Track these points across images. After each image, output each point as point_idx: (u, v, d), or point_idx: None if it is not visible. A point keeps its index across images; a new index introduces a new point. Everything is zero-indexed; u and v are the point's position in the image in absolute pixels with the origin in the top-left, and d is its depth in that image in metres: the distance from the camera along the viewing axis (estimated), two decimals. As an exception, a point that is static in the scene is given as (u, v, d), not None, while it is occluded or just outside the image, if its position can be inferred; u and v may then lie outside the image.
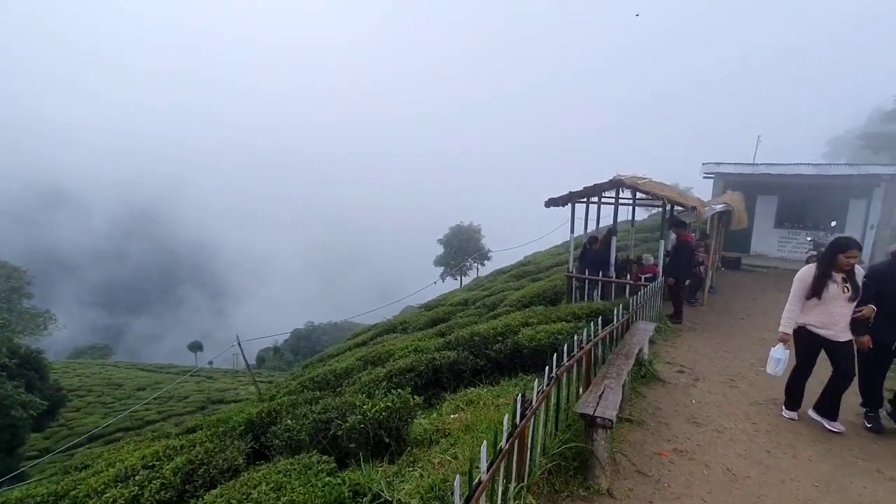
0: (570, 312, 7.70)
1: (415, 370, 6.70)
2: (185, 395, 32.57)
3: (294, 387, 9.82)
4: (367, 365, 10.04)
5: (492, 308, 12.72)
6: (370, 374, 7.69)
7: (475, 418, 5.10)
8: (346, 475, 2.84)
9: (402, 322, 15.70)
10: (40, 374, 23.42)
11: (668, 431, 4.92)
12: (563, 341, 6.35)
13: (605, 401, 3.75)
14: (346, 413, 5.15)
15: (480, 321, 11.57)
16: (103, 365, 45.44)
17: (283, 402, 7.45)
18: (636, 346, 5.32)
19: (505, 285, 15.91)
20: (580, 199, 10.06)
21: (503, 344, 6.74)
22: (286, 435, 5.13)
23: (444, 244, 43.96)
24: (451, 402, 5.99)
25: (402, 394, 4.91)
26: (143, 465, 5.44)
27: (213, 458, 4.89)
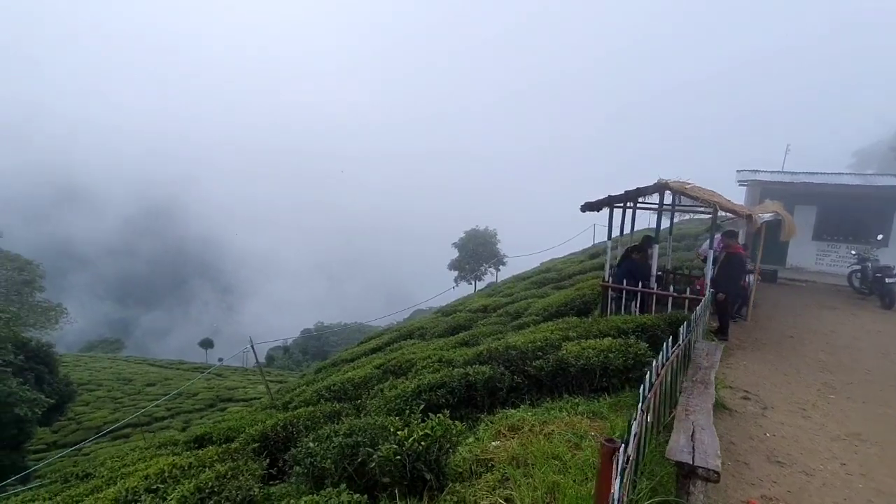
0: (613, 327, 7.03)
1: (446, 386, 6.07)
2: (194, 393, 32.23)
3: (310, 396, 9.25)
4: (386, 374, 9.46)
5: (516, 316, 12.06)
6: (395, 389, 7.07)
7: (524, 450, 4.46)
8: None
9: (419, 327, 15.09)
10: (50, 368, 23.18)
11: (750, 473, 4.25)
12: (613, 360, 5.71)
13: (702, 444, 3.10)
14: (377, 438, 4.54)
15: (505, 330, 10.94)
16: (114, 359, 45.51)
17: (299, 415, 6.89)
18: (710, 370, 4.64)
19: (527, 292, 15.24)
20: (618, 204, 9.40)
21: (544, 360, 6.10)
22: (308, 461, 4.53)
23: (459, 248, 43.08)
24: (489, 426, 5.35)
25: (443, 420, 4.29)
26: (145, 489, 4.87)
27: (225, 487, 4.31)
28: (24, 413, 16.23)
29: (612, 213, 9.31)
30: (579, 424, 4.88)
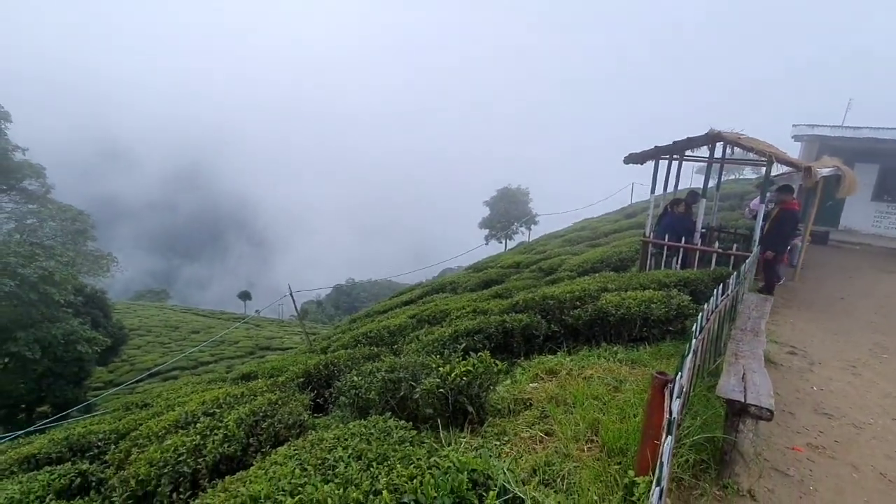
0: (654, 280, 6.88)
1: (483, 332, 6.15)
2: (235, 341, 34.07)
3: (347, 341, 9.58)
4: (421, 324, 9.66)
5: (549, 272, 11.98)
6: (430, 334, 7.23)
7: (562, 390, 4.52)
8: (456, 457, 2.32)
9: (450, 282, 15.23)
10: (104, 312, 24.81)
11: (795, 423, 4.18)
12: (655, 310, 5.62)
13: (754, 385, 3.05)
14: (419, 374, 4.69)
15: (539, 284, 10.90)
16: (161, 308, 48.25)
17: (340, 356, 7.16)
18: (760, 319, 4.51)
19: (560, 249, 15.05)
20: (664, 156, 8.98)
21: (582, 310, 6.06)
22: (353, 392, 4.74)
23: (491, 206, 42.54)
24: (526, 370, 5.43)
25: (485, 357, 4.37)
26: (203, 412, 5.22)
27: (277, 411, 4.57)
28: (85, 350, 17.54)
29: (658, 166, 8.91)
30: (618, 370, 4.88)
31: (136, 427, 6.13)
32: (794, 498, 3.13)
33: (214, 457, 3.95)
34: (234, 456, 4.03)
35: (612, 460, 3.14)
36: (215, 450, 4.01)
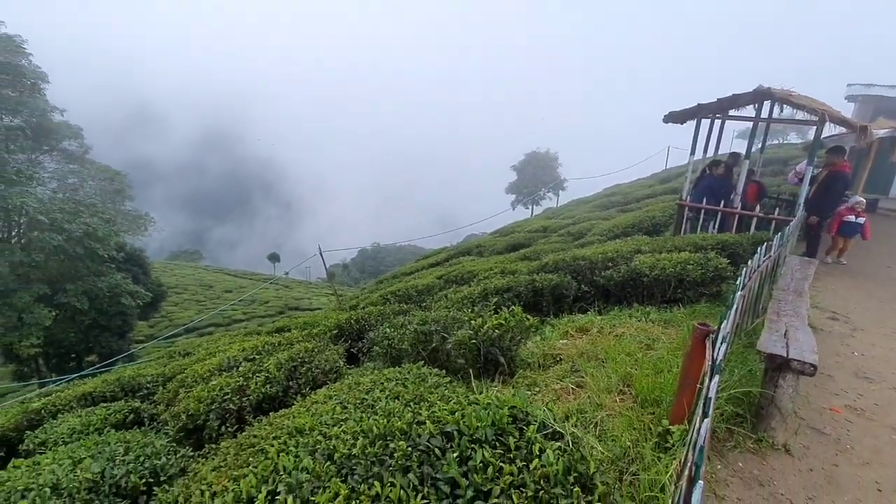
0: (690, 243, 6.71)
1: (512, 290, 6.18)
2: (265, 300, 35.28)
3: (376, 299, 9.79)
4: (448, 284, 9.76)
5: (578, 237, 11.82)
6: (458, 293, 7.31)
7: (593, 346, 4.53)
8: (494, 395, 2.38)
9: (476, 245, 15.24)
10: (144, 270, 25.93)
11: (833, 384, 4.10)
12: (691, 272, 5.51)
13: (797, 341, 2.98)
14: (450, 328, 4.78)
15: (567, 249, 10.79)
16: (195, 267, 50.12)
17: (370, 312, 7.33)
18: (804, 281, 4.37)
19: (590, 214, 14.78)
20: (706, 115, 8.56)
21: (615, 270, 5.99)
22: (386, 343, 4.88)
23: (518, 171, 41.76)
24: (556, 328, 5.46)
25: (517, 311, 4.40)
26: (244, 358, 5.49)
27: (315, 358, 4.76)
28: (128, 303, 18.48)
29: (699, 126, 8.52)
30: (651, 330, 4.85)
31: (181, 371, 6.50)
32: (830, 455, 3.11)
33: (257, 396, 4.17)
34: (276, 396, 4.25)
35: (645, 410, 3.17)
36: (258, 390, 4.23)
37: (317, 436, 2.71)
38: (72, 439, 4.30)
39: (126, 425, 5.06)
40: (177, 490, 2.63)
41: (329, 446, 2.31)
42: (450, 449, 1.92)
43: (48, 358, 20.98)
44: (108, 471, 2.82)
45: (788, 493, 2.78)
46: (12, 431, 5.75)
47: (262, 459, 2.69)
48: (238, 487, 2.34)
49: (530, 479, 1.69)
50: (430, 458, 1.89)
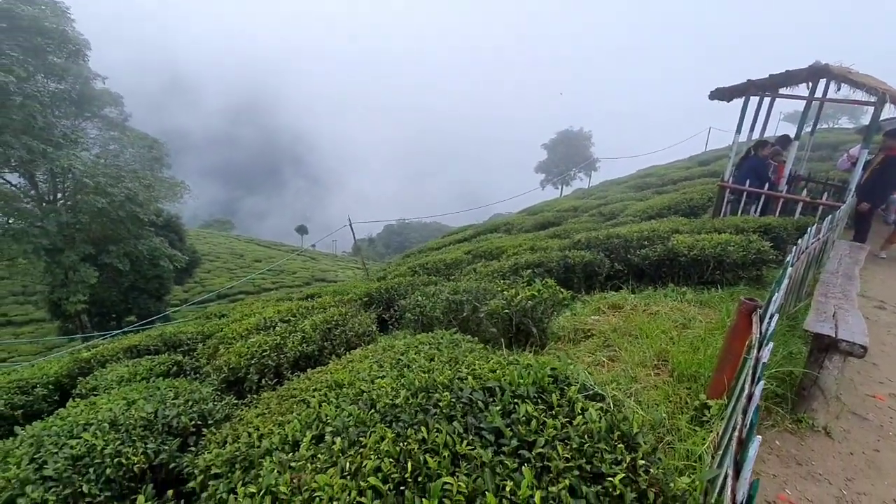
0: (731, 225, 6.51)
1: (543, 266, 6.14)
2: (293, 271, 36.17)
3: (404, 271, 9.90)
4: (476, 259, 9.77)
5: (610, 217, 11.59)
6: (488, 267, 7.32)
7: (627, 323, 4.50)
8: (533, 357, 2.40)
9: (504, 223, 15.15)
10: (179, 236, 26.82)
11: (877, 372, 3.97)
12: (732, 253, 5.35)
13: (846, 323, 2.89)
14: (482, 297, 4.82)
15: (599, 229, 10.61)
16: (227, 236, 51.56)
17: (400, 282, 7.42)
18: (854, 265, 4.20)
19: (623, 195, 14.43)
20: (755, 92, 8.16)
21: (651, 249, 5.87)
22: (418, 310, 4.96)
23: (549, 150, 40.76)
24: (587, 304, 5.43)
25: (551, 283, 4.39)
26: (280, 319, 5.67)
27: (348, 321, 4.88)
28: (166, 266, 19.23)
29: (747, 103, 8.13)
30: (687, 310, 4.77)
31: (220, 330, 6.77)
32: (872, 441, 3.03)
33: (294, 354, 4.32)
34: (311, 355, 4.39)
35: (681, 385, 3.15)
36: (295, 348, 4.38)
37: (355, 390, 2.81)
38: (120, 386, 4.56)
39: (170, 376, 5.33)
40: (225, 431, 2.78)
41: (371, 396, 2.39)
42: (492, 403, 1.96)
43: (91, 316, 22.13)
44: (160, 411, 3.00)
45: (826, 473, 2.74)
46: (65, 377, 6.14)
47: (303, 408, 2.81)
48: (283, 431, 2.46)
49: (574, 433, 1.71)
50: (472, 409, 1.93)
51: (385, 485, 1.58)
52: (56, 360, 7.56)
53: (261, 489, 1.75)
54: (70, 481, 2.43)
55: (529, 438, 1.71)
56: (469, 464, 1.62)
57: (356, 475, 1.69)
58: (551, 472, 1.56)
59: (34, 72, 14.18)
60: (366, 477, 1.62)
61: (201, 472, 2.45)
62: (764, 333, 2.07)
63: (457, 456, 1.67)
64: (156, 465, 2.67)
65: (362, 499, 1.53)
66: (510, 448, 1.66)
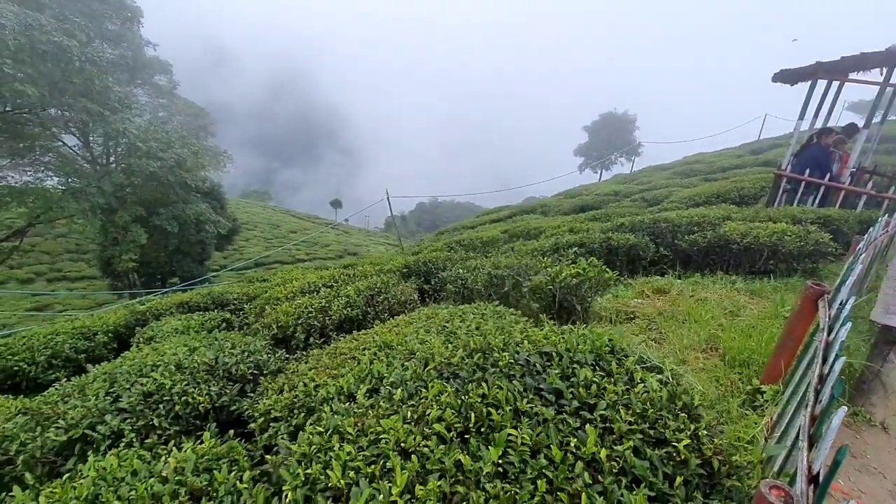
0: (787, 215, 6.21)
1: (585, 247, 6.06)
2: (326, 244, 36.96)
3: (440, 246, 9.96)
4: (512, 238, 9.72)
5: (653, 203, 11.25)
6: (526, 246, 7.27)
7: (673, 307, 4.41)
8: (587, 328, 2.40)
9: (540, 205, 14.95)
10: (221, 204, 27.72)
11: (943, 375, 3.77)
12: (789, 243, 5.13)
13: (921, 316, 2.74)
14: (523, 273, 4.82)
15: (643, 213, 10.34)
16: (264, 207, 52.96)
17: (437, 256, 7.47)
18: (927, 261, 3.95)
19: (668, 181, 13.94)
20: (824, 76, 7.65)
21: (700, 235, 5.69)
22: (459, 282, 5.01)
23: (590, 132, 39.42)
24: (629, 287, 5.34)
25: (596, 262, 4.34)
26: (323, 284, 5.84)
27: (391, 289, 4.98)
28: (211, 230, 20.00)
29: (813, 88, 7.64)
30: (737, 298, 4.63)
31: (264, 292, 7.04)
32: (934, 440, 2.91)
33: (339, 316, 4.46)
34: (356, 319, 4.52)
35: (732, 370, 3.09)
36: (340, 311, 4.51)
37: (405, 350, 2.89)
38: (175, 336, 4.82)
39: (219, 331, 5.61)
40: (281, 381, 2.93)
41: (424, 356, 2.45)
42: (549, 366, 1.98)
43: (139, 275, 23.36)
44: (220, 358, 3.18)
45: (881, 467, 2.65)
46: (123, 327, 6.56)
47: (354, 365, 2.92)
48: (338, 383, 2.57)
49: (636, 399, 1.72)
50: (530, 370, 1.96)
51: (449, 433, 1.63)
52: (114, 311, 8.05)
53: (328, 429, 1.85)
54: (143, 414, 2.62)
55: (590, 401, 1.73)
56: (531, 420, 1.66)
57: (419, 423, 1.76)
58: (614, 434, 1.57)
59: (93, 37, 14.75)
60: (430, 424, 1.68)
61: (261, 416, 2.60)
62: (836, 316, 2.00)
63: (518, 412, 1.70)
64: (218, 406, 2.84)
65: (428, 442, 1.59)
66: (571, 408, 1.69)
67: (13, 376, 5.38)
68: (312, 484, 1.57)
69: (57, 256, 29.05)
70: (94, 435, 2.48)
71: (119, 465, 2.17)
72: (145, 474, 2.08)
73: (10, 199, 15.80)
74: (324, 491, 1.52)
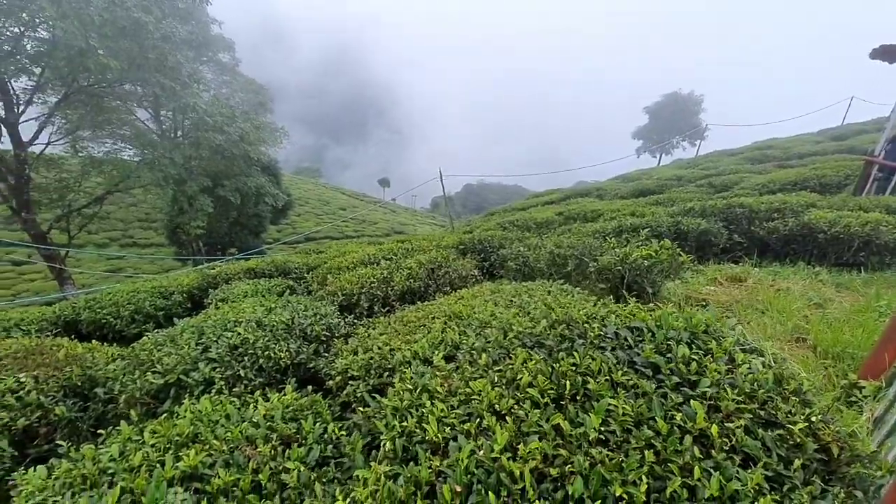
0: (882, 205, 5.68)
1: (652, 230, 5.81)
2: (374, 221, 37.69)
3: (493, 226, 9.89)
4: (568, 220, 9.49)
5: (722, 189, 10.60)
6: (585, 227, 7.08)
7: (750, 296, 4.17)
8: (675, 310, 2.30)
9: (596, 188, 14.48)
10: (276, 179, 28.73)
11: None
12: (886, 234, 4.71)
13: None
14: (588, 253, 4.69)
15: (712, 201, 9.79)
16: (315, 183, 54.54)
17: (493, 234, 7.42)
18: None
19: (738, 166, 13.07)
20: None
21: (781, 222, 5.32)
22: (520, 260, 4.96)
23: (651, 114, 37.16)
24: (699, 273, 5.09)
25: (670, 245, 4.15)
26: (383, 257, 5.95)
27: (452, 263, 5.00)
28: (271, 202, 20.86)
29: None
30: (822, 290, 4.31)
31: (323, 263, 7.28)
32: None
33: (402, 288, 4.53)
34: (417, 291, 4.58)
35: (824, 363, 2.89)
36: (402, 283, 4.58)
37: (476, 320, 2.90)
38: (249, 298, 5.08)
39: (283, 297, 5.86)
40: (354, 343, 3.02)
41: (502, 325, 2.44)
42: (641, 341, 1.92)
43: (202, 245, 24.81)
44: (296, 318, 3.31)
45: None
46: (196, 289, 6.98)
47: (426, 332, 2.96)
48: (412, 348, 2.61)
49: (742, 380, 1.63)
50: (621, 344, 1.91)
51: (542, 398, 1.62)
52: (186, 274, 8.59)
53: (416, 387, 1.88)
54: (230, 365, 2.78)
55: (691, 378, 1.66)
56: (627, 392, 1.62)
57: (508, 387, 1.75)
58: (720, 412, 1.51)
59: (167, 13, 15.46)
60: (523, 389, 1.68)
61: (339, 374, 2.70)
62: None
63: (614, 383, 1.66)
64: (296, 363, 2.97)
65: (523, 406, 1.59)
66: (671, 383, 1.63)
67: (101, 328, 5.86)
68: (409, 436, 1.60)
69: (129, 224, 31.31)
70: (187, 380, 2.66)
71: (213, 409, 2.32)
72: (237, 419, 2.21)
73: (92, 169, 17.07)
74: (421, 443, 1.55)
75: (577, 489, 1.23)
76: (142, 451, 2.02)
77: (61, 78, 13.82)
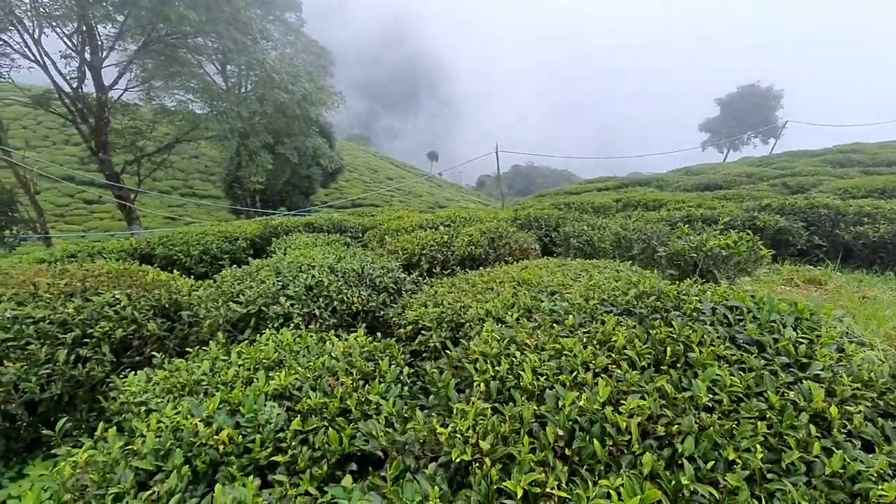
0: None
1: (724, 222, 5.53)
2: (419, 194, 37.89)
3: (547, 205, 9.71)
4: (626, 207, 9.20)
5: (797, 191, 9.92)
6: (648, 215, 6.83)
7: (830, 300, 3.92)
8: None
9: (656, 179, 13.89)
10: (330, 143, 29.24)
11: None
12: None
13: None
14: (656, 237, 4.53)
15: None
16: (365, 151, 55.16)
17: (550, 214, 7.29)
18: None
19: (817, 168, 12.13)
20: None
21: (871, 227, 4.94)
22: (583, 238, 4.85)
23: (723, 106, 34.58)
24: (772, 272, 4.83)
25: (750, 237, 3.94)
26: (440, 223, 5.98)
27: (512, 235, 4.95)
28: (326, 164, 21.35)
29: None
30: (915, 301, 3.99)
31: (377, 225, 7.41)
32: None
33: (462, 253, 4.54)
34: (478, 257, 4.58)
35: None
36: (463, 248, 4.59)
37: (545, 288, 2.87)
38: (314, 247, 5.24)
39: (341, 253, 6.02)
40: (422, 297, 3.07)
41: (581, 293, 2.41)
42: (742, 320, 1.84)
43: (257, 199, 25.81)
44: (365, 268, 3.40)
45: None
46: (258, 237, 7.29)
47: (494, 295, 2.96)
48: (484, 307, 2.62)
49: (856, 367, 1.54)
50: (720, 320, 1.84)
51: (640, 361, 1.59)
52: (248, 222, 8.98)
53: (503, 338, 1.89)
54: (306, 303, 2.90)
55: (800, 360, 1.58)
56: (731, 365, 1.56)
57: (600, 347, 1.74)
58: (835, 396, 1.43)
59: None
60: (619, 351, 1.65)
61: (409, 324, 2.76)
62: None
63: (716, 355, 1.61)
64: (366, 309, 3.06)
65: (621, 366, 1.57)
66: (779, 363, 1.56)
67: (172, 264, 6.23)
68: (501, 381, 1.62)
69: (189, 175, 32.88)
70: (267, 312, 2.80)
71: (293, 341, 2.43)
72: (317, 352, 2.31)
73: (163, 118, 17.93)
74: (516, 388, 1.57)
75: (688, 447, 1.21)
76: (232, 369, 2.15)
77: (141, 27, 14.46)
